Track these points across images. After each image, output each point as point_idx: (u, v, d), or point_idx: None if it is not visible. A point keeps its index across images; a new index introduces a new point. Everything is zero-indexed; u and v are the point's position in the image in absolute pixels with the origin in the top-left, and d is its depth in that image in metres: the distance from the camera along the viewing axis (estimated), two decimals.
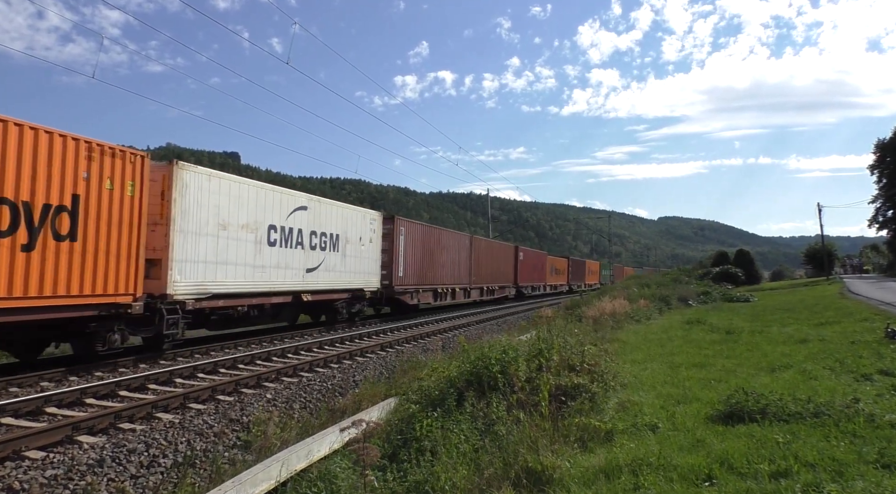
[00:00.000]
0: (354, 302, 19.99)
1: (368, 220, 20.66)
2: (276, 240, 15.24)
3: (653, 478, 4.18)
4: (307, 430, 8.05)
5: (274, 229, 15.19)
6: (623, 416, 6.05)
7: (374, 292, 21.07)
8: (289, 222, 15.79)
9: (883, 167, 50.95)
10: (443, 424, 5.92)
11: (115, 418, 7.76)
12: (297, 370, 11.72)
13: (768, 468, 4.20)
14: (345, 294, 19.06)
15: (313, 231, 16.98)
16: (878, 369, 7.69)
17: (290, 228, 15.87)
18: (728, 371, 8.34)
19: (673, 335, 13.33)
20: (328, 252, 17.72)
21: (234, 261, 13.66)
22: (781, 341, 11.42)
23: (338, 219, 18.41)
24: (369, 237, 20.54)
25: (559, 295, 49.99)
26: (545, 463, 4.51)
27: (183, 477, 6.52)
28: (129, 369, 11.16)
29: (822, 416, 5.41)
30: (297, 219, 16.17)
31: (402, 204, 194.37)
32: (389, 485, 4.80)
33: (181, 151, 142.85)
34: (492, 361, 6.96)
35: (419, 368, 10.51)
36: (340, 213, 18.72)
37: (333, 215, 18.20)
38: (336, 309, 18.85)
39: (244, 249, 14.01)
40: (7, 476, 5.88)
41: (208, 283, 12.82)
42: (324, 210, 17.62)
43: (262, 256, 14.68)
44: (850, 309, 17.50)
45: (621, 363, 8.97)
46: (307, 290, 16.73)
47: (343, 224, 18.69)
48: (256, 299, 14.68)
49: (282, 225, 15.48)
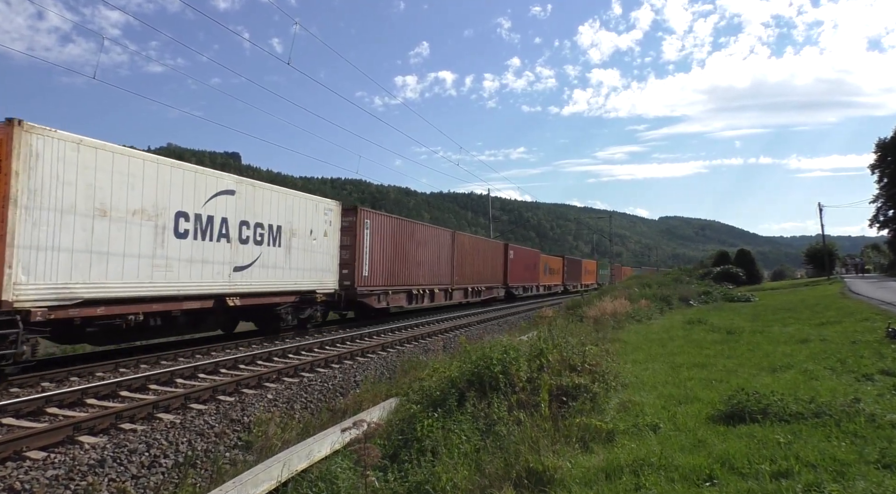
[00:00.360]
0: (304, 306, 17.10)
1: (322, 210, 17.57)
2: (187, 231, 12.28)
3: (654, 478, 4.18)
4: (308, 430, 8.06)
5: (185, 216, 12.23)
6: (624, 416, 6.05)
7: (331, 295, 18.09)
8: (208, 208, 12.90)
9: (884, 167, 50.95)
10: (444, 424, 5.92)
11: (116, 418, 7.76)
12: (298, 371, 11.72)
13: (769, 468, 4.19)
14: (290, 297, 16.17)
15: (245, 221, 14.12)
16: (879, 369, 7.69)
17: (210, 216, 12.96)
18: (729, 371, 8.33)
19: (674, 334, 13.32)
20: (266, 247, 14.88)
21: (122, 256, 10.79)
22: (782, 341, 11.41)
23: (280, 208, 15.57)
24: (324, 230, 17.49)
25: (553, 296, 47.95)
26: (546, 463, 4.51)
27: (184, 477, 6.52)
28: (130, 369, 11.17)
29: (823, 416, 5.41)
30: (220, 206, 13.30)
31: (402, 204, 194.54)
32: (390, 485, 4.80)
33: (182, 151, 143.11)
34: (493, 361, 6.97)
35: (420, 368, 10.52)
36: (284, 201, 15.80)
37: (274, 202, 15.34)
38: (278, 315, 16.02)
39: (137, 241, 11.11)
40: (8, 476, 5.88)
41: (76, 285, 9.88)
42: (260, 197, 14.76)
43: (167, 250, 11.73)
44: (851, 309, 17.48)
45: (622, 363, 8.97)
46: (235, 292, 13.72)
47: (287, 214, 15.85)
48: (159, 305, 11.74)
49: (197, 213, 12.56)
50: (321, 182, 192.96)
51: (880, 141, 51.41)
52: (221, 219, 13.37)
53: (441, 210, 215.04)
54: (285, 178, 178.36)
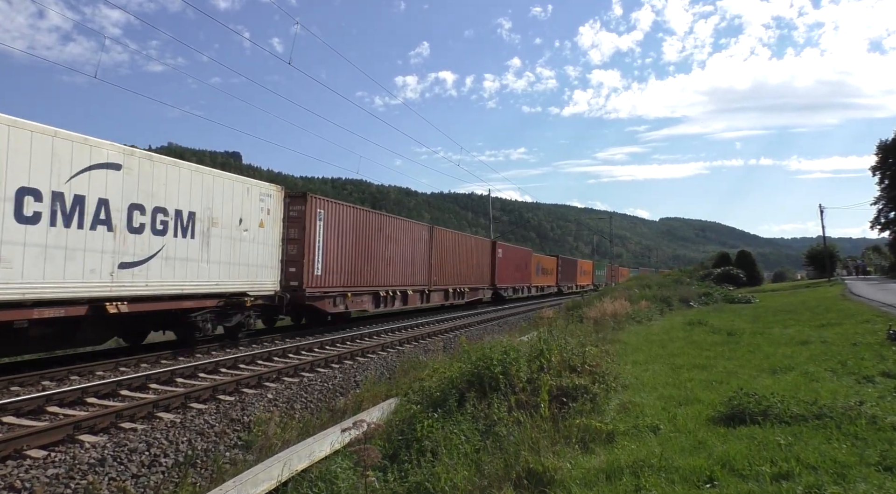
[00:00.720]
0: (231, 313, 14.00)
1: (257, 195, 14.52)
2: (39, 213, 9.33)
3: (654, 480, 4.17)
4: (308, 430, 8.05)
5: (35, 194, 9.27)
6: (624, 417, 6.04)
7: (270, 297, 15.09)
8: (77, 186, 9.95)
9: (885, 169, 50.88)
10: (444, 425, 5.92)
11: (117, 417, 7.76)
12: (298, 370, 11.72)
13: (770, 470, 4.19)
14: (210, 301, 13.01)
15: (138, 205, 11.14)
16: (880, 371, 7.68)
17: (81, 195, 10.01)
18: (729, 373, 8.32)
19: (674, 336, 13.31)
20: (171, 238, 11.89)
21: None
22: (783, 342, 11.40)
23: (193, 190, 12.53)
24: (259, 220, 14.54)
25: (547, 298, 45.58)
26: (546, 464, 4.51)
27: (184, 477, 6.52)
28: (131, 368, 11.17)
29: (824, 418, 5.40)
30: (96, 183, 10.32)
31: (403, 204, 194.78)
32: (390, 486, 4.80)
33: (183, 151, 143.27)
34: (493, 362, 6.96)
35: (420, 368, 10.53)
36: (199, 181, 12.74)
37: (184, 183, 12.30)
38: (193, 324, 12.85)
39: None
40: (9, 474, 5.89)
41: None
42: (161, 175, 11.72)
43: (1, 239, 8.79)
44: (851, 311, 17.46)
45: (622, 365, 8.97)
46: (121, 296, 10.77)
47: (205, 198, 12.80)
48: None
49: (57, 190, 9.60)
50: (322, 182, 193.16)
51: (881, 143, 51.34)
52: (99, 200, 10.37)
53: (441, 211, 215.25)
54: (286, 177, 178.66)
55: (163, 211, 11.80)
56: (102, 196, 10.49)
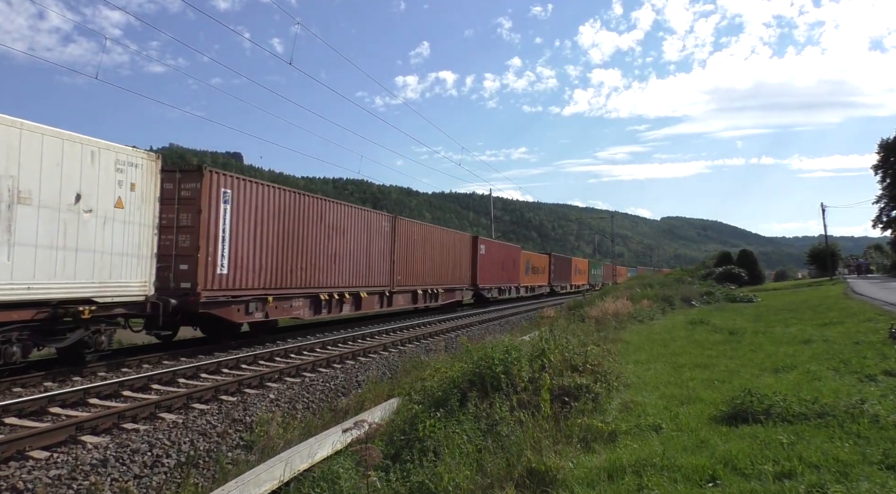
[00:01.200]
0: (62, 329, 9.84)
1: (111, 164, 10.35)
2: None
3: (656, 479, 4.17)
4: (310, 430, 8.07)
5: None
6: (626, 417, 6.04)
7: (137, 305, 11.06)
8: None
9: (886, 167, 50.82)
10: (446, 424, 5.92)
11: (119, 418, 7.77)
12: (300, 371, 11.73)
13: (772, 469, 4.18)
14: (16, 313, 8.88)
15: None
16: (882, 369, 7.65)
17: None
18: (732, 372, 8.31)
19: (676, 335, 13.30)
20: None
21: None
22: (785, 341, 11.38)
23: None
24: (114, 198, 10.38)
25: (537, 299, 41.95)
26: (548, 464, 4.51)
27: (186, 477, 6.54)
28: (133, 369, 11.18)
29: (826, 417, 5.39)
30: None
31: (404, 204, 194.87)
32: (392, 486, 4.80)
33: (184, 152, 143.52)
34: (495, 361, 6.97)
35: (422, 368, 10.53)
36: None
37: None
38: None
39: None
40: (11, 475, 5.90)
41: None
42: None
43: None
44: (853, 310, 17.43)
45: (624, 364, 8.96)
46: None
47: (4, 160, 8.52)
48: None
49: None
50: (323, 182, 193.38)
51: (883, 141, 51.28)
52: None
53: (443, 210, 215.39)
54: (287, 178, 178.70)
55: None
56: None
